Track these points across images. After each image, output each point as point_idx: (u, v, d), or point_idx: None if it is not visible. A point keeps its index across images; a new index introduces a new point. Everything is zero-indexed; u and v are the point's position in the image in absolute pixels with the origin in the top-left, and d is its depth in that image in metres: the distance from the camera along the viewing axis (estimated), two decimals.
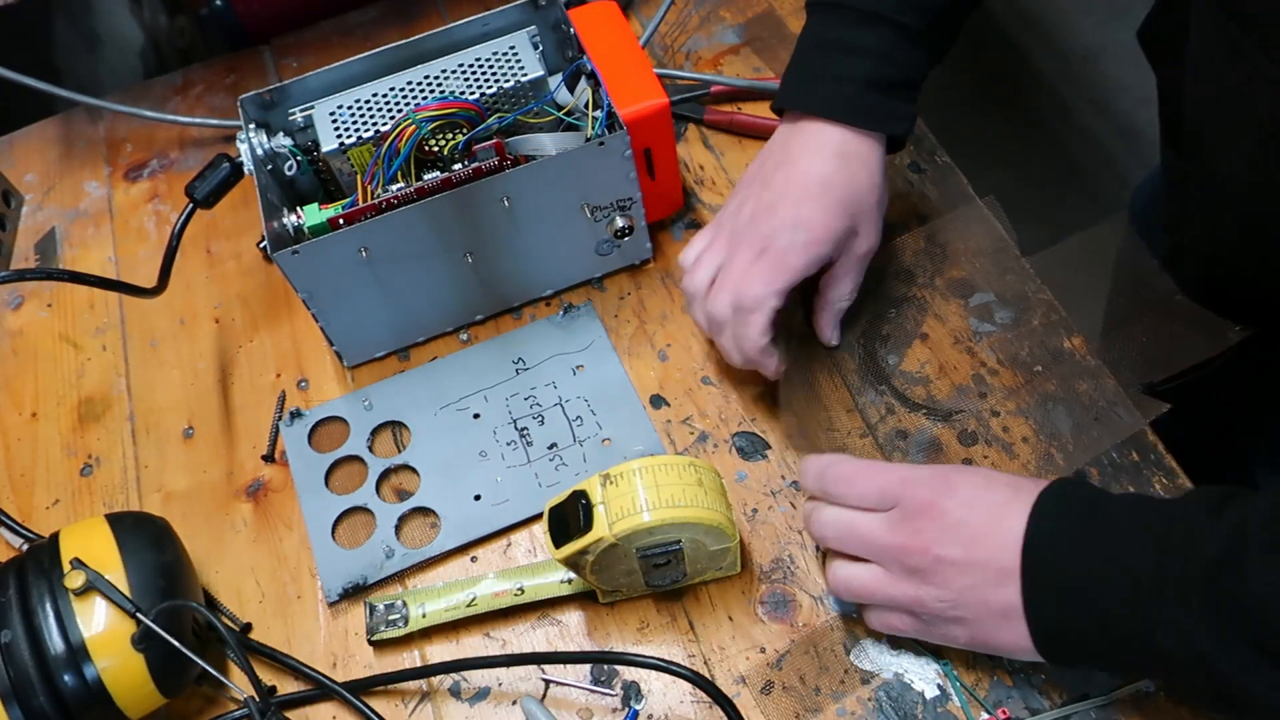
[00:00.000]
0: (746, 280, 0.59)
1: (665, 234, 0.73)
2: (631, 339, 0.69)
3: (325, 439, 0.68)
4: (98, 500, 0.68)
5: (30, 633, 0.53)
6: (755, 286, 0.59)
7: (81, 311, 0.77)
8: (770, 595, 0.58)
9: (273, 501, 0.66)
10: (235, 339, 0.73)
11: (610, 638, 0.58)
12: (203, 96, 0.87)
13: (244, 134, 0.66)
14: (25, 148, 0.87)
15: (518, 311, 0.71)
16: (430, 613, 0.59)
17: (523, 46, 0.67)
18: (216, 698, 0.60)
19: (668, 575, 0.56)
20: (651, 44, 0.83)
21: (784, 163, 0.61)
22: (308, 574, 0.63)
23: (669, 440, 0.65)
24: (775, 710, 0.55)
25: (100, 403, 0.72)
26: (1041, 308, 0.66)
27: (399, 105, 0.65)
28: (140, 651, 0.53)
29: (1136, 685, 0.53)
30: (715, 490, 0.55)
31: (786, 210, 0.60)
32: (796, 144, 0.62)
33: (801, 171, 0.61)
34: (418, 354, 0.71)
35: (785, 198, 0.60)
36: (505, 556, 0.62)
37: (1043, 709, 0.53)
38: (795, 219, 0.59)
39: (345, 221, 0.63)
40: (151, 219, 0.81)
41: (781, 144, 0.63)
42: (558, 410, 0.66)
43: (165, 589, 0.55)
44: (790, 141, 0.62)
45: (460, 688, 0.58)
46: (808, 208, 0.60)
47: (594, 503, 0.53)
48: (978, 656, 0.55)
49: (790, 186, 0.60)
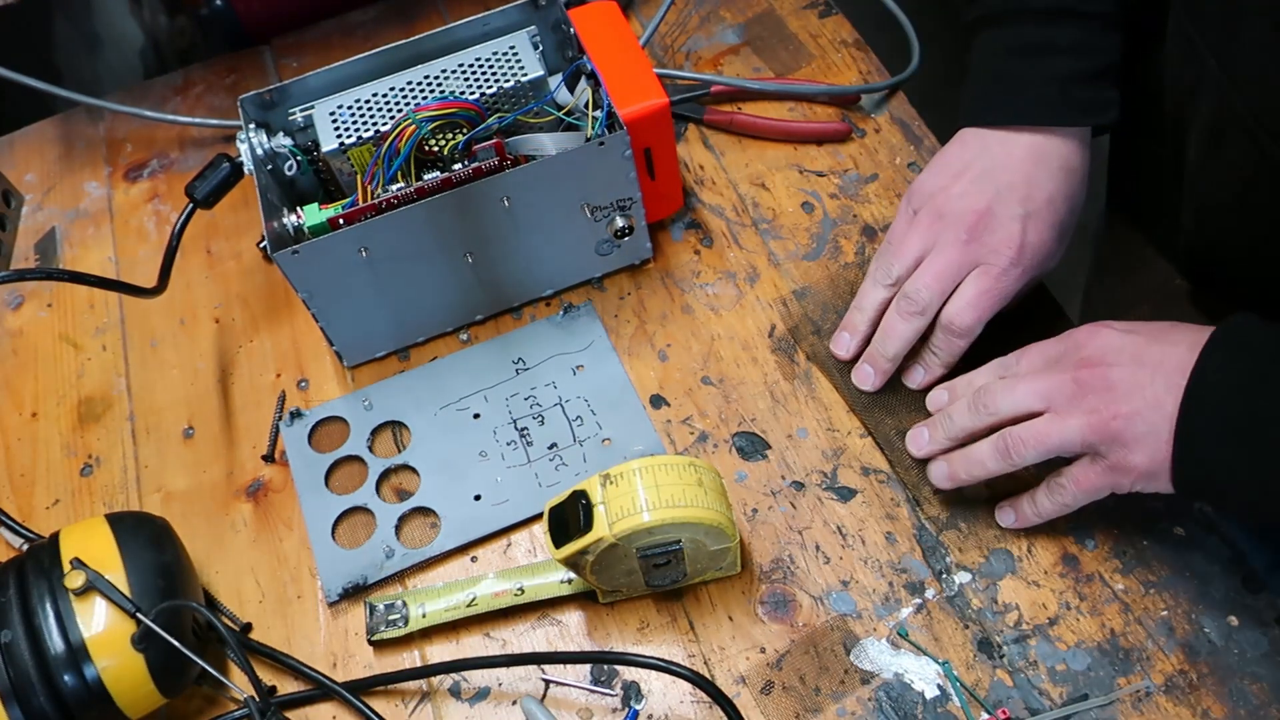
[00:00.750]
0: (963, 303, 0.59)
1: (665, 234, 0.73)
2: (631, 339, 0.69)
3: (325, 439, 0.68)
4: (98, 500, 0.68)
5: (30, 633, 0.53)
6: (970, 314, 0.59)
7: (81, 311, 0.77)
8: (770, 595, 0.58)
9: (273, 501, 0.66)
10: (235, 339, 0.73)
11: (610, 638, 0.58)
12: (203, 96, 0.87)
13: (244, 134, 0.66)
14: (25, 148, 0.87)
15: (518, 311, 0.71)
16: (430, 613, 0.59)
17: (523, 46, 0.67)
18: (216, 698, 0.60)
19: (668, 575, 0.56)
20: (651, 44, 0.83)
21: (1005, 166, 0.60)
22: (308, 574, 0.63)
23: (669, 440, 0.65)
24: (775, 710, 0.55)
25: (100, 403, 0.72)
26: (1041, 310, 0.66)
27: (399, 105, 0.65)
28: (140, 651, 0.53)
29: (1137, 685, 0.53)
30: (715, 490, 0.55)
31: (1016, 227, 0.59)
32: (1016, 153, 0.60)
33: (1032, 184, 0.60)
34: (418, 354, 0.71)
35: (1013, 209, 0.59)
36: (505, 556, 0.62)
37: (1043, 709, 0.53)
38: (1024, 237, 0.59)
39: (345, 221, 0.63)
40: (151, 219, 0.81)
41: (988, 148, 0.61)
42: (558, 410, 0.66)
43: (165, 589, 0.55)
44: (1002, 148, 0.61)
45: (460, 688, 0.58)
46: (1038, 226, 0.59)
47: (594, 503, 0.53)
48: (977, 656, 0.55)
49: (1015, 195, 0.59)
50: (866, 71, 0.79)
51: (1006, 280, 0.58)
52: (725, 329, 0.68)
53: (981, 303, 0.58)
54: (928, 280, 0.59)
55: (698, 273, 0.71)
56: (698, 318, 0.69)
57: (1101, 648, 0.55)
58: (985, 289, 0.58)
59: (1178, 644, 0.54)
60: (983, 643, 0.56)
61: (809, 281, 0.69)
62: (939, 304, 0.60)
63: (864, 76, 0.79)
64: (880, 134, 0.76)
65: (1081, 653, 0.55)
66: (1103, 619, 0.55)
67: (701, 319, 0.69)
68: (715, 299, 0.70)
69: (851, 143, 0.75)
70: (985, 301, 0.58)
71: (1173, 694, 0.53)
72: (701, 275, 0.71)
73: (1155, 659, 0.54)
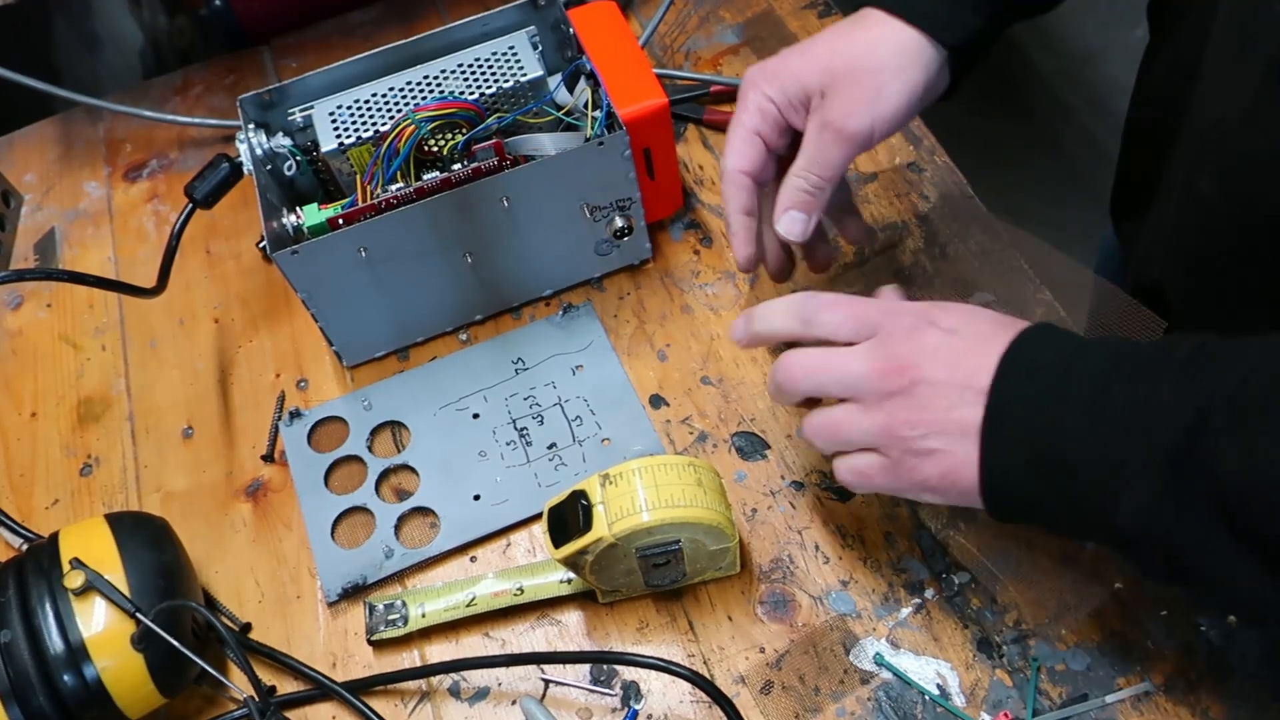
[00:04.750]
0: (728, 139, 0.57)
1: (664, 234, 0.73)
2: (631, 339, 0.69)
3: (325, 439, 0.68)
4: (97, 500, 0.68)
5: (30, 633, 0.53)
6: (727, 148, 0.57)
7: (81, 311, 0.77)
8: (770, 595, 0.58)
9: (272, 501, 0.66)
10: (235, 339, 0.73)
11: (610, 638, 0.58)
12: (202, 96, 0.87)
13: (243, 134, 0.66)
14: (25, 148, 0.87)
15: (517, 311, 0.71)
16: (430, 613, 0.59)
17: (522, 46, 0.67)
18: (216, 698, 0.60)
19: (667, 575, 0.56)
20: (651, 44, 0.83)
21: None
22: (307, 574, 0.63)
23: (668, 440, 0.65)
24: (775, 710, 0.55)
25: (100, 403, 0.72)
26: (1042, 307, 0.65)
27: (398, 105, 0.65)
28: (140, 651, 0.53)
29: (1137, 686, 0.53)
30: (715, 490, 0.55)
31: (771, 61, 0.57)
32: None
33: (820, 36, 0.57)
34: (417, 354, 0.71)
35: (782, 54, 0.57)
36: (505, 556, 0.62)
37: (1043, 709, 0.53)
38: (766, 65, 0.57)
39: (344, 221, 0.63)
40: (151, 219, 0.81)
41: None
42: (557, 410, 0.66)
43: (165, 589, 0.55)
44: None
45: (460, 688, 0.58)
46: (786, 56, 0.57)
47: (593, 503, 0.53)
48: (976, 656, 0.55)
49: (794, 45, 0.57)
50: None
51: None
52: (725, 329, 0.68)
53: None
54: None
55: (697, 273, 0.71)
56: (697, 318, 0.69)
57: (1101, 648, 0.55)
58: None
59: (1177, 644, 0.54)
60: (982, 643, 0.56)
61: (808, 282, 0.69)
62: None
63: None
64: None
65: (1081, 653, 0.55)
66: (1102, 619, 0.55)
67: (701, 319, 0.69)
68: (715, 299, 0.70)
69: None
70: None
71: (1172, 694, 0.53)
72: (701, 275, 0.71)
73: (1155, 659, 0.54)
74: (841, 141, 0.55)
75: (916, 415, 0.48)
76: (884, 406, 0.49)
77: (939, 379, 0.47)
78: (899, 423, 0.48)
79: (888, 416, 0.48)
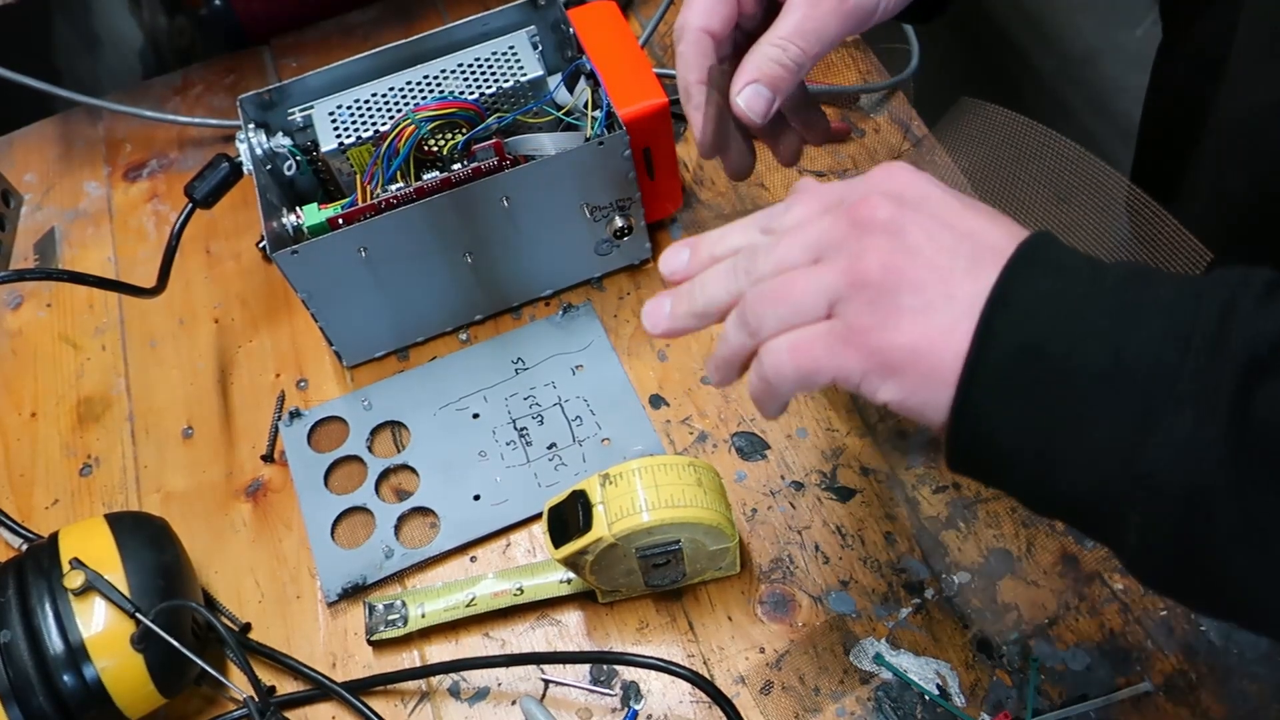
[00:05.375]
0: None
1: (664, 234, 0.73)
2: (631, 339, 0.69)
3: (324, 439, 0.68)
4: (97, 500, 0.68)
5: (29, 633, 0.53)
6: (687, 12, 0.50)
7: (81, 311, 0.77)
8: (770, 595, 0.58)
9: (272, 501, 0.66)
10: (235, 339, 0.73)
11: (610, 638, 0.58)
12: (202, 96, 0.87)
13: (243, 134, 0.66)
14: (25, 148, 0.87)
15: (517, 311, 0.71)
16: (429, 613, 0.59)
17: (522, 46, 0.67)
18: (216, 698, 0.60)
19: (667, 575, 0.56)
20: (651, 44, 0.83)
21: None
22: (307, 574, 0.63)
23: (668, 440, 0.65)
24: (775, 710, 0.55)
25: (100, 403, 0.72)
26: None
27: (398, 105, 0.65)
28: (140, 651, 0.53)
29: (1137, 686, 0.53)
30: (715, 490, 0.55)
31: None
32: None
33: None
34: (417, 354, 0.70)
35: None
36: (505, 556, 0.62)
37: (1043, 709, 0.53)
38: None
39: (344, 221, 0.63)
40: (151, 219, 0.81)
41: None
42: (557, 410, 0.66)
43: (165, 589, 0.55)
44: None
45: (459, 688, 0.58)
46: None
47: (593, 503, 0.53)
48: (976, 656, 0.55)
49: None
50: (866, 71, 0.79)
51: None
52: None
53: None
54: None
55: None
56: None
57: (1101, 648, 0.55)
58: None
59: (1177, 644, 0.54)
60: (982, 643, 0.56)
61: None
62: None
63: (863, 76, 0.79)
64: (880, 134, 0.76)
65: (1081, 653, 0.55)
66: (1102, 619, 0.55)
67: None
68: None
69: (851, 143, 0.75)
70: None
71: (1172, 694, 0.53)
72: None
73: (1154, 659, 0.54)
74: (842, 14, 0.47)
75: (899, 259, 0.36)
76: (853, 248, 0.37)
77: (936, 224, 0.37)
78: (872, 266, 0.36)
79: (855, 259, 0.37)
